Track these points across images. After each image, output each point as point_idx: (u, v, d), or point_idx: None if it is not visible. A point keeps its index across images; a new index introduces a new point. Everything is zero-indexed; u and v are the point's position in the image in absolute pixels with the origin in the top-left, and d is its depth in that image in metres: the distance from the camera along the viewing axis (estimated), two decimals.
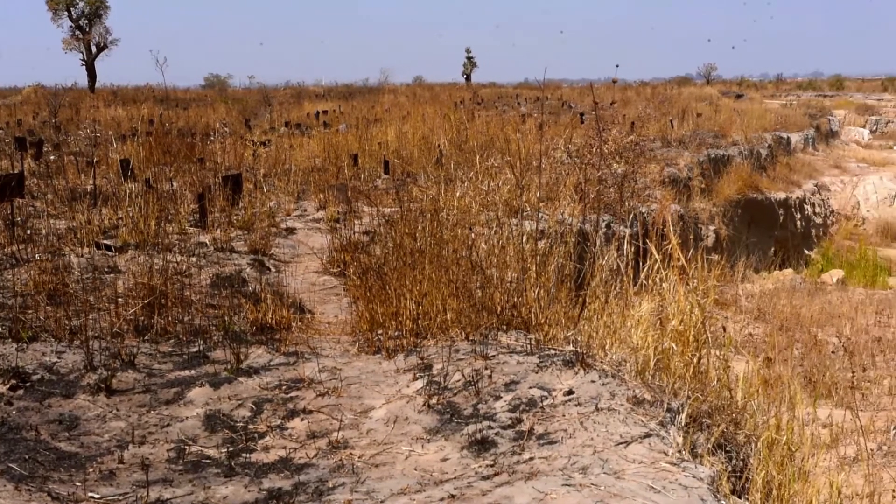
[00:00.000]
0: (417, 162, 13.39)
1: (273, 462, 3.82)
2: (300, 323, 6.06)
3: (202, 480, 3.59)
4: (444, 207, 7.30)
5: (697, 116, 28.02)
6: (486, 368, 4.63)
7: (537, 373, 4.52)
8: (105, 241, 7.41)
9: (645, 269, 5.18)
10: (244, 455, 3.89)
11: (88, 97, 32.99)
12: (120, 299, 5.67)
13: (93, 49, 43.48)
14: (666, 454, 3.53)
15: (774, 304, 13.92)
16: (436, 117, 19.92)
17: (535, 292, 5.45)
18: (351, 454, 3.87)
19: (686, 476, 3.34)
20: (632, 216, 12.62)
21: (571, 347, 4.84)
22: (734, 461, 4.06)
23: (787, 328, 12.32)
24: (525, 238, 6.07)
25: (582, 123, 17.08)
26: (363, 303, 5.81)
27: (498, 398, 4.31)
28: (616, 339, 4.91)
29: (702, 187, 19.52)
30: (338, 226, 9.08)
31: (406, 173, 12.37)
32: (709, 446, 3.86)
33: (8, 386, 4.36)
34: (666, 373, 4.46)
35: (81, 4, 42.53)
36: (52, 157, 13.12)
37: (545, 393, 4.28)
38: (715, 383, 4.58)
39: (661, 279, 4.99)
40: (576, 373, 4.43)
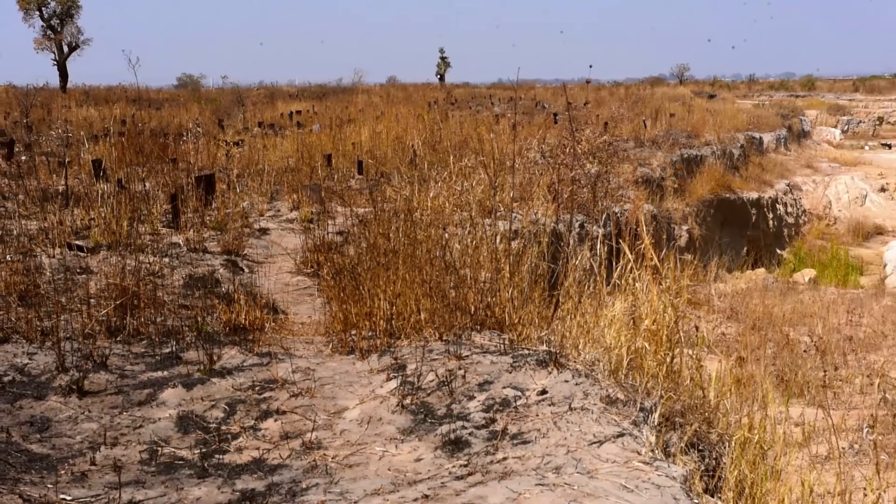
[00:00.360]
0: (391, 162, 13.36)
1: (246, 463, 3.81)
2: (273, 323, 6.04)
3: (175, 482, 3.57)
4: (418, 207, 7.29)
5: (671, 116, 28.17)
6: (460, 368, 4.63)
7: (511, 373, 4.52)
8: (77, 242, 7.34)
9: (618, 269, 5.21)
10: (217, 456, 3.88)
11: (60, 97, 32.63)
12: (92, 300, 5.63)
13: (64, 49, 43.02)
14: (639, 453, 3.55)
15: (747, 304, 14.00)
16: (410, 117, 19.91)
17: (509, 292, 5.46)
18: (324, 455, 3.86)
19: (659, 475, 3.36)
20: (605, 216, 12.70)
21: (545, 347, 4.85)
22: (707, 460, 4.10)
23: (760, 327, 12.39)
24: (499, 238, 6.08)
25: (556, 123, 17.12)
26: (337, 303, 5.80)
27: (472, 398, 4.31)
28: (589, 339, 4.93)
29: (675, 187, 19.61)
30: (311, 226, 9.04)
31: (380, 173, 12.34)
32: (682, 445, 3.88)
33: None
34: (639, 372, 4.49)
35: (53, 4, 42.09)
36: (24, 158, 12.95)
37: (519, 393, 4.29)
38: (688, 382, 4.63)
39: (635, 279, 5.02)
40: (549, 373, 4.44)
